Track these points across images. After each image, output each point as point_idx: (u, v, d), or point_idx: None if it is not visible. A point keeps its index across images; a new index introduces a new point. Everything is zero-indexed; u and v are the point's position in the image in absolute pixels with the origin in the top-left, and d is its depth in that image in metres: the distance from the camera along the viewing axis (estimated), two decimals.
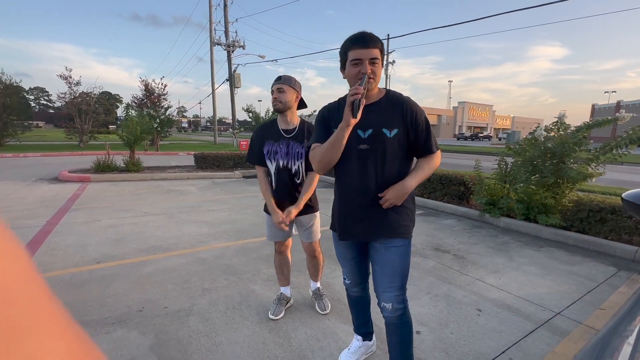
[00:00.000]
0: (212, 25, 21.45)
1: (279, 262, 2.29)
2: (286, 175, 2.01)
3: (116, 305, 2.28)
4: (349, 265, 1.65)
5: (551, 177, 4.07)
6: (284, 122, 2.04)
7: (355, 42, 1.32)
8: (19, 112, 17.16)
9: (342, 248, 1.62)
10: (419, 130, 1.41)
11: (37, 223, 4.08)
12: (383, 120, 1.39)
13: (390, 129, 1.38)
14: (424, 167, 1.46)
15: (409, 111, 1.40)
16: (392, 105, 1.42)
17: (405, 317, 1.52)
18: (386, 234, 1.43)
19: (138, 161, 8.33)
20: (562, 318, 2.29)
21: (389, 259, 1.45)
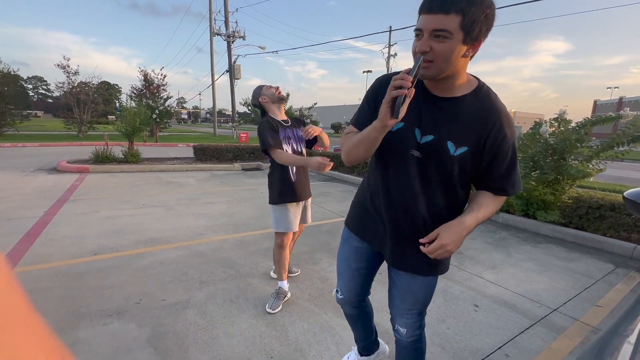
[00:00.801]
0: (212, 15, 21.16)
1: (283, 256, 2.28)
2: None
3: (113, 297, 2.28)
4: (349, 277, 1.35)
5: (551, 173, 4.05)
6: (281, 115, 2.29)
7: (422, 5, 0.88)
8: (16, 101, 17.00)
9: (348, 252, 1.33)
10: (499, 158, 0.99)
11: (35, 214, 4.06)
12: (456, 131, 0.98)
13: (457, 145, 0.98)
14: (490, 206, 1.06)
15: (495, 127, 0.96)
16: (477, 110, 0.98)
17: (420, 342, 1.31)
18: (423, 271, 1.16)
19: (137, 152, 8.29)
20: (559, 315, 2.30)
21: (412, 289, 1.20)
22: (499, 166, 1.01)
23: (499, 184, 1.05)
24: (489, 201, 1.07)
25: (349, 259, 1.34)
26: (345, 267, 1.36)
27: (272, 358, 1.77)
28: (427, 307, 1.29)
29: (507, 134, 0.98)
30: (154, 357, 1.74)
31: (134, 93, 18.17)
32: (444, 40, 0.86)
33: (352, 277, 1.35)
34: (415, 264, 1.14)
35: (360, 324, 1.54)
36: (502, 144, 0.98)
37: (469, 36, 0.86)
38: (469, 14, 0.83)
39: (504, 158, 1.00)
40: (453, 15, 0.84)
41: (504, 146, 0.99)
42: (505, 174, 1.03)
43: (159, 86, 17.74)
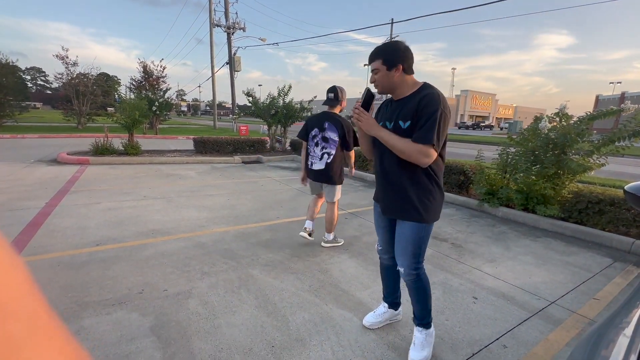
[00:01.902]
0: (211, 6, 20.89)
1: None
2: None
3: (116, 287, 2.31)
4: (381, 233, 1.90)
5: (552, 167, 4.06)
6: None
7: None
8: (15, 92, 16.87)
9: (377, 216, 1.90)
10: (418, 118, 1.54)
11: (36, 205, 4.08)
12: (402, 114, 1.60)
13: (405, 121, 1.58)
14: (403, 141, 1.56)
15: (420, 103, 1.54)
16: (414, 100, 1.57)
17: (419, 282, 1.75)
18: (399, 215, 1.70)
19: (137, 144, 8.27)
20: (557, 307, 2.33)
21: (404, 232, 1.69)
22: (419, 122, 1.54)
23: (418, 132, 1.55)
24: (406, 141, 1.56)
25: (378, 220, 1.91)
26: (377, 226, 1.93)
27: (273, 347, 1.80)
28: (420, 252, 1.71)
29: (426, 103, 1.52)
30: (157, 345, 1.76)
31: (133, 85, 18.05)
32: (377, 72, 1.63)
33: (383, 232, 1.89)
34: (401, 211, 1.68)
35: (391, 277, 1.98)
36: (422, 109, 1.53)
37: (390, 66, 1.59)
38: (385, 56, 1.60)
39: (423, 118, 1.53)
40: (377, 60, 1.61)
41: (423, 110, 1.53)
42: (422, 126, 1.53)
43: (158, 78, 17.63)
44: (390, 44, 1.64)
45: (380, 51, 1.61)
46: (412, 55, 1.62)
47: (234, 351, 1.75)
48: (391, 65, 1.59)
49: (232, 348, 1.77)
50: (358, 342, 1.87)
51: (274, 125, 10.05)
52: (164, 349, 1.74)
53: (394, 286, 2.01)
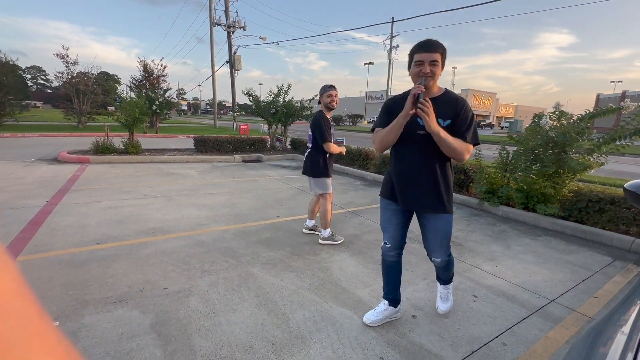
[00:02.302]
0: (212, 5, 20.85)
1: (312, 200, 3.44)
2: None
3: (117, 285, 2.31)
4: (393, 230, 1.95)
5: (552, 166, 4.05)
6: (328, 114, 3.17)
7: (420, 47, 1.65)
8: (15, 91, 16.87)
9: (389, 214, 1.94)
10: (462, 121, 1.70)
11: (36, 203, 4.08)
12: (440, 112, 1.67)
13: (444, 120, 1.70)
14: (455, 140, 1.68)
15: (459, 106, 1.70)
16: (448, 101, 1.72)
17: (450, 261, 1.99)
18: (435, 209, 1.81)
19: (137, 143, 8.27)
20: (556, 305, 2.33)
21: (439, 226, 1.84)
22: (462, 124, 1.71)
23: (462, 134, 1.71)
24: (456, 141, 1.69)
25: (390, 217, 1.94)
26: (389, 223, 1.95)
27: (273, 345, 1.80)
28: (450, 239, 1.91)
29: (465, 107, 1.72)
30: (158, 342, 1.77)
31: (134, 84, 18.04)
32: (437, 65, 1.66)
33: (395, 229, 1.94)
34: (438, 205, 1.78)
35: (394, 274, 2.05)
36: (463, 112, 1.71)
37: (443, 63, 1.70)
38: (443, 52, 1.68)
39: (465, 121, 1.71)
40: (438, 53, 1.65)
41: (465, 113, 1.71)
42: (466, 129, 1.71)
43: (158, 77, 17.62)
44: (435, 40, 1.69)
45: (440, 45, 1.65)
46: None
47: (234, 349, 1.75)
48: (444, 63, 1.70)
49: (232, 345, 1.78)
50: (358, 339, 1.88)
51: (274, 124, 10.05)
52: (164, 346, 1.74)
53: (396, 283, 2.05)
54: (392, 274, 2.04)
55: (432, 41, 1.65)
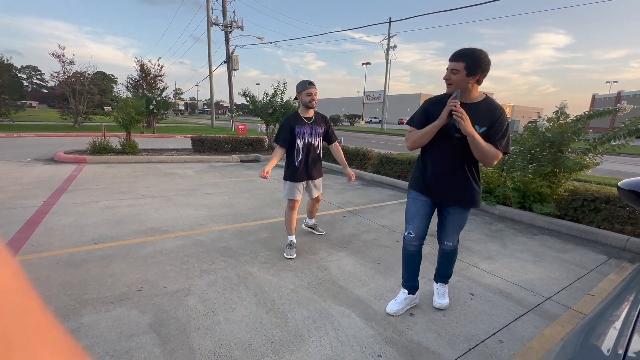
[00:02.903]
0: (209, 4, 20.80)
1: (291, 216, 2.98)
2: (311, 148, 2.92)
3: (115, 285, 2.31)
4: (419, 221, 2.08)
5: (548, 166, 4.09)
6: (307, 112, 2.90)
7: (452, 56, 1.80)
8: (11, 91, 16.79)
9: (418, 205, 2.08)
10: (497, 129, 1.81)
11: (33, 203, 4.06)
12: (477, 118, 1.79)
13: (481, 126, 1.80)
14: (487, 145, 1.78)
15: (496, 115, 1.80)
16: (487, 109, 1.82)
17: (456, 250, 2.23)
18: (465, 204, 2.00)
19: (134, 143, 8.23)
20: (552, 303, 2.36)
21: (460, 218, 2.07)
22: (497, 132, 1.81)
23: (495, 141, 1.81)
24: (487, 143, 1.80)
25: (419, 209, 2.08)
26: (417, 214, 2.08)
27: (272, 343, 1.81)
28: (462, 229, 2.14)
29: (502, 117, 1.82)
30: (157, 341, 1.77)
31: (130, 83, 17.96)
32: (456, 74, 1.77)
33: (421, 220, 2.08)
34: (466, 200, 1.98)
35: (416, 263, 2.18)
36: (500, 121, 1.81)
37: (470, 72, 1.75)
38: (470, 62, 1.74)
39: (500, 130, 1.81)
40: (460, 63, 1.75)
41: (501, 123, 1.82)
42: (501, 137, 1.81)
43: (155, 77, 17.56)
44: (478, 52, 1.74)
45: (466, 55, 1.74)
46: (489, 69, 1.79)
47: (233, 347, 1.76)
48: (472, 72, 1.74)
49: (231, 344, 1.78)
50: (356, 337, 1.89)
51: (272, 124, 10.04)
52: (163, 345, 1.75)
53: (416, 271, 2.19)
54: (413, 263, 2.17)
55: (459, 51, 1.76)
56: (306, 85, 2.78)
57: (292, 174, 2.90)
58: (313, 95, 2.80)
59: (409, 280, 2.18)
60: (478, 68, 1.74)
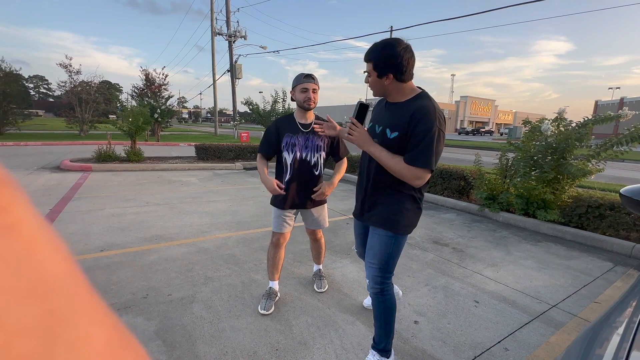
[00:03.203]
0: (213, 15, 21.18)
1: (275, 255, 2.26)
2: (306, 166, 2.09)
3: (121, 292, 2.33)
4: (358, 239, 1.95)
5: (551, 172, 4.09)
6: (303, 117, 2.10)
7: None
8: (18, 100, 17.07)
9: (355, 223, 1.93)
10: (414, 137, 1.41)
11: (40, 211, 4.07)
12: (392, 122, 1.49)
13: (392, 131, 1.48)
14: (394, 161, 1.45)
15: (412, 117, 1.41)
16: (405, 109, 1.46)
17: (382, 297, 1.63)
18: (373, 223, 1.62)
19: (139, 151, 8.33)
20: (558, 310, 2.34)
21: (372, 243, 1.63)
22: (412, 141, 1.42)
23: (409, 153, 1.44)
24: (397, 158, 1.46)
25: (355, 227, 1.96)
26: (355, 233, 1.98)
27: (277, 351, 1.81)
28: (387, 267, 1.61)
29: (420, 119, 1.40)
30: (163, 349, 1.78)
31: (136, 92, 18.22)
32: (369, 76, 1.51)
33: (358, 239, 1.95)
34: (373, 219, 1.61)
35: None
36: (416, 127, 1.40)
37: (380, 73, 1.45)
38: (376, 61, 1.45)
39: (417, 138, 1.41)
40: (369, 63, 1.47)
41: (417, 128, 1.40)
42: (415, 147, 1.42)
43: (160, 85, 17.79)
44: (386, 46, 1.41)
45: (372, 53, 1.45)
46: (409, 61, 1.41)
47: (238, 354, 1.77)
48: (381, 72, 1.44)
49: (236, 351, 1.79)
50: (361, 345, 1.89)
51: None
52: (169, 352, 1.76)
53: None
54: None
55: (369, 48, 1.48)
56: (301, 78, 2.02)
57: (276, 198, 2.15)
58: (309, 92, 2.00)
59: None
60: (387, 66, 1.41)
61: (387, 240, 1.56)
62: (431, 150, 1.38)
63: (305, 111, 2.07)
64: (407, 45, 1.43)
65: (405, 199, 1.55)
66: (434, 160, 1.41)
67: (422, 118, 1.39)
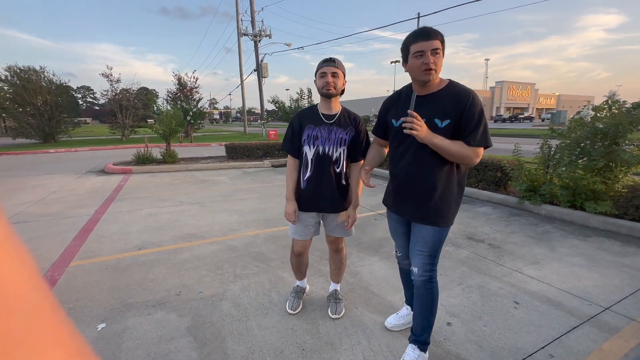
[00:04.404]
0: (238, 16, 21.61)
1: (298, 261, 2.15)
2: (327, 162, 1.89)
3: (156, 289, 2.45)
4: (401, 239, 1.80)
5: (601, 160, 3.71)
6: (327, 107, 1.91)
7: (418, 36, 1.42)
8: (69, 110, 18.65)
9: (394, 223, 1.80)
10: (469, 120, 1.44)
11: (87, 212, 4.45)
12: (438, 112, 1.47)
13: (442, 120, 1.46)
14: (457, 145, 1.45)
15: (462, 102, 1.43)
16: (449, 97, 1.46)
17: (431, 284, 1.64)
18: (424, 221, 1.58)
19: (174, 153, 8.75)
20: (611, 314, 2.12)
21: (423, 232, 1.60)
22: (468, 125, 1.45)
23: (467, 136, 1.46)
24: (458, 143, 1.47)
25: (395, 226, 1.80)
26: (394, 232, 1.82)
27: (304, 350, 1.80)
28: (437, 254, 1.62)
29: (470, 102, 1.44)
30: (194, 345, 1.84)
31: (169, 97, 19.16)
32: (438, 54, 1.42)
33: (402, 238, 1.78)
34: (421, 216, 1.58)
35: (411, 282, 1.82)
36: (469, 109, 1.43)
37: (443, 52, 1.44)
38: (443, 39, 1.43)
39: (473, 120, 1.44)
40: (439, 40, 1.41)
41: (471, 110, 1.44)
42: (473, 129, 1.44)
43: (192, 89, 18.55)
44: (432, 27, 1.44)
45: (437, 32, 1.42)
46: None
47: (265, 353, 1.78)
48: (443, 52, 1.44)
49: (263, 350, 1.80)
50: (390, 347, 1.83)
51: None
52: (199, 349, 1.81)
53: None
54: (410, 280, 1.86)
55: (427, 28, 1.43)
56: (321, 64, 1.85)
57: (298, 196, 1.99)
58: (328, 77, 1.80)
59: (409, 297, 1.98)
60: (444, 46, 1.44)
61: (439, 229, 1.58)
62: (487, 129, 1.47)
63: (328, 99, 1.87)
64: None
65: (454, 187, 1.56)
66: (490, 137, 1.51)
67: (472, 101, 1.43)
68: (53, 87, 17.22)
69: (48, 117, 16.71)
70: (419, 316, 1.66)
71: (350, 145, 1.92)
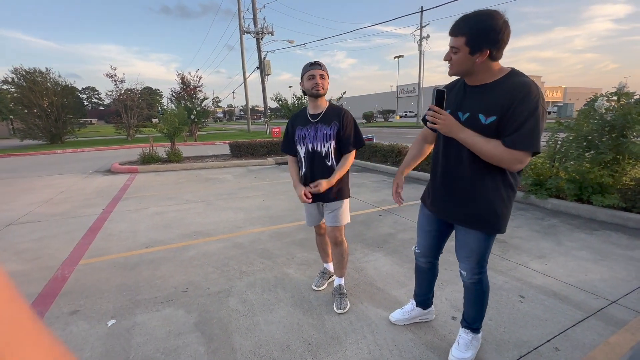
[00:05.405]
0: (240, 14, 21.59)
1: (319, 242, 2.42)
2: (317, 158, 2.04)
3: (164, 286, 2.48)
4: (425, 237, 1.77)
5: (609, 153, 3.66)
6: (314, 107, 2.07)
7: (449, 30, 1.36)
8: (74, 111, 18.87)
9: (424, 219, 1.75)
10: (516, 118, 1.26)
11: (94, 211, 4.51)
12: (484, 105, 1.33)
13: (487, 116, 1.32)
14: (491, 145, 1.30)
15: (513, 98, 1.26)
16: (504, 89, 1.29)
17: (480, 285, 1.63)
18: (468, 224, 1.50)
19: (178, 152, 8.82)
20: (619, 307, 2.11)
21: (466, 240, 1.54)
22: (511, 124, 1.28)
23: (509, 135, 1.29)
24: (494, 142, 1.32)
25: (423, 223, 1.76)
26: (421, 229, 1.78)
27: (310, 345, 1.83)
28: (485, 259, 1.57)
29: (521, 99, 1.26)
30: (202, 340, 1.87)
31: (173, 96, 19.26)
32: (457, 53, 1.31)
33: (427, 237, 1.76)
34: (464, 216, 1.49)
35: (425, 279, 1.91)
36: (516, 108, 1.26)
37: (474, 49, 1.27)
38: (472, 35, 1.26)
39: (519, 120, 1.26)
40: (460, 37, 1.29)
41: (518, 109, 1.26)
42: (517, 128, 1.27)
43: (195, 88, 18.62)
44: (484, 17, 1.25)
45: (466, 25, 1.27)
46: (508, 37, 1.27)
47: (272, 348, 1.80)
48: (476, 48, 1.26)
49: (270, 344, 1.83)
50: (395, 341, 1.84)
51: None
52: (207, 344, 1.84)
53: (428, 287, 1.93)
54: (423, 278, 1.91)
55: (459, 19, 1.30)
56: (307, 67, 1.98)
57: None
58: (317, 79, 1.94)
59: (418, 294, 1.95)
60: (486, 41, 1.24)
61: (486, 237, 1.49)
62: (537, 131, 1.25)
63: (316, 99, 2.01)
64: (506, 18, 1.26)
65: (503, 189, 1.41)
66: (539, 142, 1.28)
67: (526, 96, 1.25)
68: (59, 88, 17.43)
69: (54, 119, 16.94)
70: (471, 309, 1.68)
71: (337, 138, 2.03)
